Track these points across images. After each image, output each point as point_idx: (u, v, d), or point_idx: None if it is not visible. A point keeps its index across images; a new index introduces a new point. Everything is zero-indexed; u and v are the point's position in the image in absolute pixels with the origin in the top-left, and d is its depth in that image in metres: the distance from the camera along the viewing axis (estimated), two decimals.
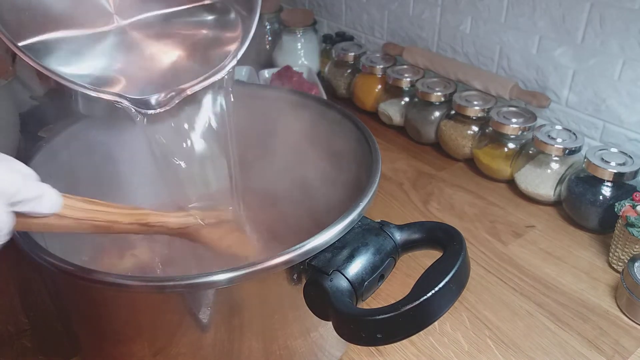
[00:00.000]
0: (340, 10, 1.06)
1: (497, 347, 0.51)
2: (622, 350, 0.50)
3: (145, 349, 0.38)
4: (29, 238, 0.36)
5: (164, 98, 0.42)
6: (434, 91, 0.80)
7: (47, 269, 0.35)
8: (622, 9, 0.64)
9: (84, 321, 0.41)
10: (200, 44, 0.48)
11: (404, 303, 0.31)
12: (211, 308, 0.35)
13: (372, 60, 0.90)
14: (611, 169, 0.61)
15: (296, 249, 0.34)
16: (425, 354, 0.50)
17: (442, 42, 0.88)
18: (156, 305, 0.36)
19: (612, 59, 0.67)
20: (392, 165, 0.79)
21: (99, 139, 0.52)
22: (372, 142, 0.46)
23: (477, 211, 0.69)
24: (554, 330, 0.52)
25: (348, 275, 0.35)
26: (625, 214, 0.56)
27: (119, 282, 0.33)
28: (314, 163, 0.55)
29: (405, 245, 0.38)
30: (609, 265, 0.60)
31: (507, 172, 0.73)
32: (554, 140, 0.67)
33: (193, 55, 0.47)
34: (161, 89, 0.43)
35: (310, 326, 0.40)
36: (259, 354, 0.39)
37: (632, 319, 0.53)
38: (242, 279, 0.33)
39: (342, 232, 0.36)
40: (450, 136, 0.78)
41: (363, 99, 0.91)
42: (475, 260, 0.61)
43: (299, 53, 1.02)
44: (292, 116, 0.55)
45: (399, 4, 0.92)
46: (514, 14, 0.75)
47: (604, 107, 0.69)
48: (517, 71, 0.78)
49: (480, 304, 0.55)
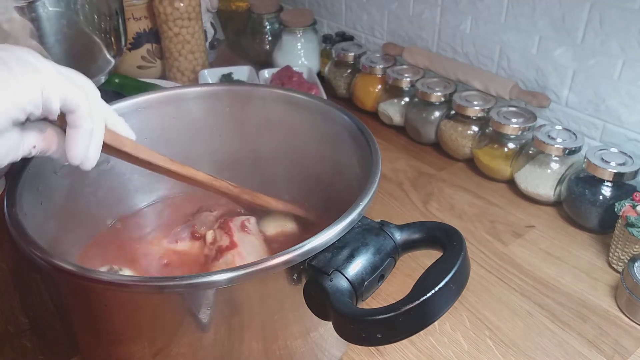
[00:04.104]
0: (340, 10, 1.06)
1: (497, 347, 0.51)
2: (621, 350, 0.50)
3: (145, 349, 0.38)
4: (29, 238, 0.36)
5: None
6: (434, 91, 0.80)
7: (47, 269, 0.35)
8: (622, 9, 0.64)
9: (84, 321, 0.41)
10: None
11: (404, 303, 0.31)
12: (211, 308, 0.35)
13: (372, 60, 0.90)
14: (611, 169, 0.61)
15: (296, 248, 0.34)
16: (425, 353, 0.50)
17: (442, 42, 0.88)
18: (156, 305, 0.36)
19: (612, 59, 0.67)
20: (392, 165, 0.79)
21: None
22: (372, 142, 0.46)
23: (477, 211, 0.69)
24: (554, 330, 0.52)
25: (348, 275, 0.35)
26: (625, 214, 0.56)
27: (119, 282, 0.33)
28: (314, 163, 0.55)
29: (405, 245, 0.38)
30: (609, 265, 0.60)
31: (507, 172, 0.73)
32: (554, 140, 0.67)
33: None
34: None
35: (310, 326, 0.40)
36: (259, 354, 0.39)
37: (632, 319, 0.53)
38: (242, 279, 0.33)
39: (342, 232, 0.36)
40: (450, 136, 0.78)
41: (363, 99, 0.91)
42: (475, 260, 0.61)
43: (299, 53, 1.02)
44: (292, 116, 0.55)
45: (399, 4, 0.92)
46: (513, 14, 0.75)
47: (604, 107, 0.69)
48: (517, 71, 0.78)
49: (480, 303, 0.55)
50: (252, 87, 0.61)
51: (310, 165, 0.55)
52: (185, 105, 0.56)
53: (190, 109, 0.56)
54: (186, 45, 0.95)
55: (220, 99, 0.57)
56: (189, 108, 0.56)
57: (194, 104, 0.56)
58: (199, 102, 0.56)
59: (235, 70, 0.96)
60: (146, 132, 0.55)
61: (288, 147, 0.57)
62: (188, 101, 0.56)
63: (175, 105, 0.56)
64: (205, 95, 0.56)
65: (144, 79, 0.94)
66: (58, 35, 0.48)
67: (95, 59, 0.53)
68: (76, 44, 0.50)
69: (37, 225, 0.40)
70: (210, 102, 0.57)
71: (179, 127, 0.57)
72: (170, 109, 0.56)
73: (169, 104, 0.56)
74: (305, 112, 0.54)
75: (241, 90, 0.57)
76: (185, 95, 0.56)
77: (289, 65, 0.93)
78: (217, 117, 0.57)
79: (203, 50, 0.99)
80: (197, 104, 0.56)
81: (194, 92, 0.56)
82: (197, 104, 0.56)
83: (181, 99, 0.56)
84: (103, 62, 0.54)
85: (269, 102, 0.56)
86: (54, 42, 0.48)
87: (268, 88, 0.57)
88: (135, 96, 0.54)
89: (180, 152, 0.58)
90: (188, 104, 0.56)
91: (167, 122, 0.56)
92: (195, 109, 0.56)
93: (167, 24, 0.93)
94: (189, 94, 0.56)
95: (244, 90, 0.57)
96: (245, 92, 0.57)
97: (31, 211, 0.41)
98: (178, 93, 0.56)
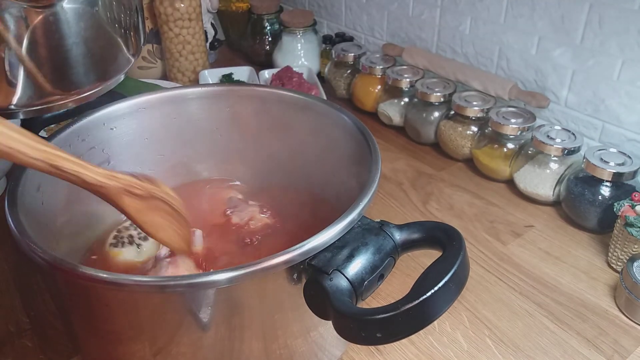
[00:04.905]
0: (340, 10, 1.06)
1: (496, 346, 0.51)
2: (621, 350, 0.50)
3: (146, 349, 0.38)
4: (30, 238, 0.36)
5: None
6: (434, 91, 0.80)
7: (47, 269, 0.35)
8: (621, 10, 0.64)
9: (85, 321, 0.41)
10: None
11: (404, 302, 0.32)
12: (211, 307, 0.36)
13: (371, 60, 0.90)
14: (610, 169, 0.61)
15: (296, 248, 0.34)
16: (425, 353, 0.50)
17: (442, 43, 0.88)
18: (156, 304, 0.36)
19: (611, 60, 0.67)
20: (392, 165, 0.79)
21: (99, 139, 0.52)
22: (372, 142, 0.46)
23: (477, 211, 0.69)
24: (553, 329, 0.52)
25: (348, 274, 0.35)
26: (624, 213, 0.56)
27: (119, 281, 0.33)
28: (314, 163, 0.55)
29: (404, 245, 0.38)
30: (608, 265, 0.60)
31: (506, 172, 0.73)
32: (553, 140, 0.67)
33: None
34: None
35: (310, 325, 0.41)
36: (259, 353, 0.39)
37: (631, 318, 0.53)
38: (242, 279, 0.33)
39: (342, 231, 0.36)
40: (450, 136, 0.78)
41: (363, 99, 0.91)
42: (475, 260, 0.61)
43: (299, 53, 1.02)
44: (292, 117, 0.55)
45: (398, 5, 0.93)
46: (513, 15, 0.76)
47: (603, 108, 0.69)
48: (516, 71, 0.78)
49: (479, 303, 0.55)
50: (252, 87, 0.62)
51: (310, 165, 0.56)
52: (185, 106, 0.56)
53: (190, 110, 0.56)
54: (187, 46, 0.95)
55: (220, 99, 0.57)
56: (189, 108, 0.56)
57: (194, 105, 0.56)
58: (200, 102, 0.56)
59: (235, 70, 0.96)
60: (146, 132, 0.55)
61: (288, 148, 0.57)
62: (188, 101, 0.56)
63: (176, 106, 0.56)
64: (205, 96, 0.57)
65: (145, 79, 0.94)
66: (78, 35, 0.48)
67: (114, 57, 0.53)
68: (97, 44, 0.50)
69: (38, 225, 0.40)
70: (210, 102, 0.57)
71: (180, 127, 0.57)
72: (170, 109, 0.56)
73: (170, 104, 0.56)
74: (305, 113, 0.54)
75: (241, 91, 0.57)
76: (185, 96, 0.56)
77: (289, 65, 0.93)
78: (217, 118, 0.57)
79: (203, 51, 0.99)
80: (197, 104, 0.56)
81: (195, 92, 0.56)
82: (197, 105, 0.56)
83: (181, 99, 0.56)
84: (123, 60, 0.54)
85: (269, 103, 0.56)
86: (72, 43, 0.47)
87: (268, 88, 0.57)
88: (136, 96, 0.54)
89: (181, 152, 0.58)
90: (188, 104, 0.56)
91: (167, 122, 0.56)
92: (195, 109, 0.57)
93: (167, 24, 0.93)
94: (189, 94, 0.56)
95: (244, 90, 0.57)
96: (245, 92, 0.57)
97: (32, 211, 0.41)
98: (178, 93, 0.56)
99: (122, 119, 0.53)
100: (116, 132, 0.53)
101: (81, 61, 0.48)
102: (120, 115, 0.53)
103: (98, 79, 0.51)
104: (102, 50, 0.51)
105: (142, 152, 0.55)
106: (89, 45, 0.48)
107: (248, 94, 0.57)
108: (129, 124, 0.54)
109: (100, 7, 0.49)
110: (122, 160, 0.53)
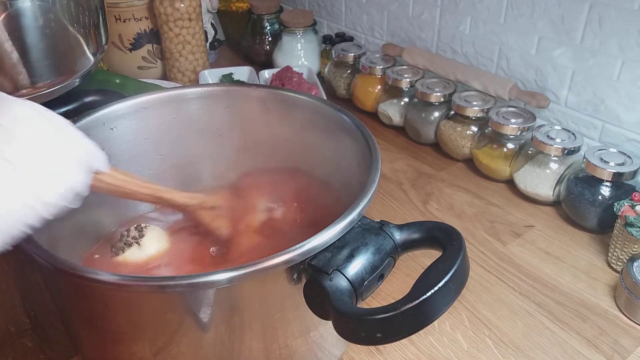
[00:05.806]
0: (340, 11, 1.06)
1: (496, 346, 0.51)
2: (621, 350, 0.50)
3: (146, 349, 0.38)
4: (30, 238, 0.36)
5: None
6: (434, 91, 0.80)
7: (47, 269, 0.35)
8: (621, 10, 0.64)
9: (85, 321, 0.41)
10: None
11: (404, 302, 0.32)
12: (211, 307, 0.36)
13: (371, 60, 0.90)
14: (610, 169, 0.61)
15: (296, 248, 0.34)
16: (425, 353, 0.50)
17: (442, 43, 0.88)
18: (157, 304, 0.36)
19: (611, 60, 0.67)
20: (392, 165, 0.79)
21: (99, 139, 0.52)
22: (372, 142, 0.46)
23: (477, 211, 0.69)
24: (553, 329, 0.52)
25: (348, 274, 0.35)
26: (624, 213, 0.56)
27: (119, 282, 0.33)
28: (314, 163, 0.55)
29: (404, 245, 0.38)
30: (608, 265, 0.60)
31: (506, 172, 0.73)
32: (553, 140, 0.67)
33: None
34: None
35: (310, 325, 0.41)
36: (259, 353, 0.39)
37: (631, 318, 0.53)
38: (242, 279, 0.33)
39: (342, 231, 0.36)
40: (450, 136, 0.78)
41: (363, 99, 0.91)
42: (475, 260, 0.61)
43: (299, 53, 1.02)
44: (292, 117, 0.55)
45: (398, 5, 0.93)
46: (513, 15, 0.76)
47: (603, 107, 0.69)
48: (516, 71, 0.78)
49: (479, 303, 0.55)
50: (253, 87, 0.62)
51: (310, 165, 0.56)
52: (185, 106, 0.56)
53: (190, 110, 0.56)
54: (187, 46, 0.95)
55: (220, 99, 0.57)
56: (189, 108, 0.56)
57: (194, 105, 0.56)
58: (200, 102, 0.56)
59: (235, 70, 0.96)
60: (146, 132, 0.55)
61: (288, 148, 0.57)
62: (188, 101, 0.56)
63: (176, 106, 0.56)
64: (205, 96, 0.57)
65: (145, 79, 0.94)
66: (40, 31, 0.48)
67: (75, 56, 0.53)
68: (58, 41, 0.50)
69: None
70: (210, 102, 0.57)
71: (180, 127, 0.57)
72: (170, 109, 0.56)
73: (170, 105, 0.56)
74: (305, 113, 0.54)
75: (241, 91, 0.57)
76: (185, 96, 0.56)
77: (289, 65, 0.93)
78: (217, 117, 0.57)
79: (203, 51, 0.99)
80: (197, 104, 0.56)
81: (195, 92, 0.56)
82: (197, 105, 0.57)
83: (181, 99, 0.56)
84: (84, 59, 0.54)
85: (269, 103, 0.56)
86: (35, 39, 0.48)
87: (268, 88, 0.57)
88: (136, 96, 0.54)
89: (181, 152, 0.58)
90: (188, 104, 0.56)
91: (167, 123, 0.56)
92: (195, 109, 0.57)
93: (167, 24, 0.93)
94: (189, 94, 0.56)
95: (244, 90, 0.57)
96: (245, 92, 0.57)
97: None
98: (178, 93, 0.56)
99: (122, 119, 0.53)
100: (116, 132, 0.53)
101: (38, 58, 0.49)
102: (120, 115, 0.53)
103: (56, 77, 0.51)
104: (61, 48, 0.51)
105: (142, 152, 0.55)
106: (47, 43, 0.49)
107: (248, 94, 0.57)
108: (128, 124, 0.54)
109: (58, 6, 0.49)
110: (122, 160, 0.53)
